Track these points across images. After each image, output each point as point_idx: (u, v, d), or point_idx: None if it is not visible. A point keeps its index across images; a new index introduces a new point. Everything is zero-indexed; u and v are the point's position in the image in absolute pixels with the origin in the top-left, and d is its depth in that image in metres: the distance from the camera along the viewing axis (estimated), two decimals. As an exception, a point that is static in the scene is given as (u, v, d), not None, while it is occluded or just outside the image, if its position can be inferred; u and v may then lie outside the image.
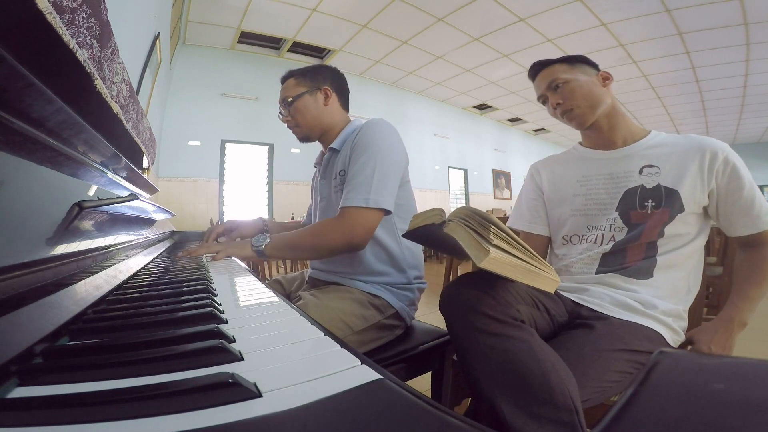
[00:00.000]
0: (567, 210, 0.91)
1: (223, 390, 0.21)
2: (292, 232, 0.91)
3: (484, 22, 4.73)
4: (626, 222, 0.82)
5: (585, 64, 0.89)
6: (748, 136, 9.88)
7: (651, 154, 0.83)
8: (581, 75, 0.87)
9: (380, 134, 0.89)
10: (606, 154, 0.89)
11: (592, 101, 0.85)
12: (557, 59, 0.90)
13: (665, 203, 0.79)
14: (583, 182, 0.90)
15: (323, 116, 1.00)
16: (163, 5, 3.02)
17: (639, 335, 0.70)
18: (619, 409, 0.16)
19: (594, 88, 0.85)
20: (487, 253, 0.46)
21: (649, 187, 0.81)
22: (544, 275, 0.54)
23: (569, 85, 0.86)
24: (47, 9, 0.32)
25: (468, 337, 0.58)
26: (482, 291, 0.59)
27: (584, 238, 0.88)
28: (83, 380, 0.24)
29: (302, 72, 1.01)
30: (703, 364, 0.21)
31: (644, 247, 0.80)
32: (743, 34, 4.68)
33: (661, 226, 0.79)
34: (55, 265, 0.38)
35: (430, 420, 0.19)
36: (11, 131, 0.33)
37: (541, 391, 0.52)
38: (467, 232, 0.49)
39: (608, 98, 0.86)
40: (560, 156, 0.99)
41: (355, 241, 0.83)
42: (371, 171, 0.85)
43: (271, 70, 5.77)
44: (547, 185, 0.97)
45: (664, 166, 0.81)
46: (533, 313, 0.71)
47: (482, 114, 8.86)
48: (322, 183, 1.02)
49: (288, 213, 5.46)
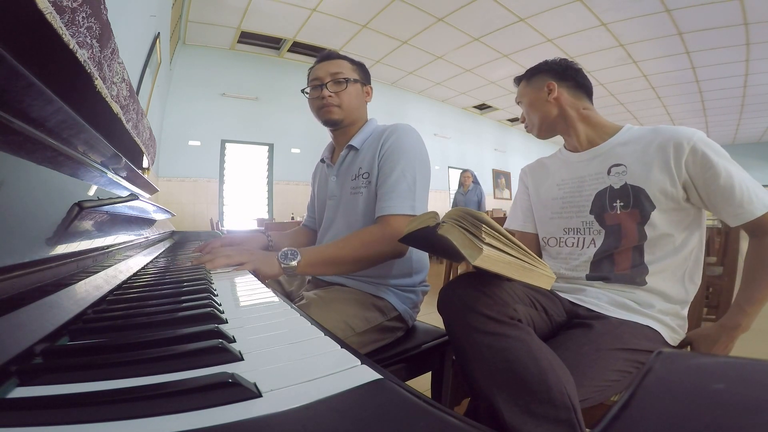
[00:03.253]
0: (548, 213, 0.94)
1: (223, 390, 0.21)
2: (326, 246, 0.82)
3: (484, 22, 4.73)
4: (602, 224, 0.83)
5: (539, 75, 0.93)
6: (748, 136, 9.88)
7: (619, 153, 0.83)
8: (532, 92, 0.93)
9: (413, 141, 0.91)
10: (577, 157, 0.91)
11: (536, 117, 0.92)
12: (521, 77, 0.97)
13: (633, 203, 0.78)
14: (561, 185, 0.93)
15: (362, 109, 1.01)
16: (163, 5, 3.02)
17: (637, 334, 0.71)
18: (619, 409, 0.16)
19: (537, 104, 0.92)
20: (480, 251, 0.47)
21: (617, 187, 0.81)
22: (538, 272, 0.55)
23: (523, 104, 0.96)
24: (47, 9, 0.32)
25: (465, 336, 0.58)
26: (479, 291, 0.60)
27: (562, 241, 0.90)
28: (83, 380, 0.24)
29: (354, 62, 1.01)
30: (703, 363, 0.21)
31: (630, 252, 0.79)
32: (743, 34, 4.68)
33: (636, 227, 0.78)
34: (55, 265, 0.38)
35: (430, 420, 0.19)
36: (11, 131, 0.33)
37: (538, 390, 0.52)
38: (461, 232, 0.50)
39: (553, 108, 0.90)
40: (546, 159, 1.02)
41: (401, 249, 0.84)
42: (412, 179, 0.86)
43: (271, 70, 5.78)
44: (532, 188, 1.01)
45: (630, 164, 0.80)
46: (531, 313, 0.71)
47: (482, 114, 8.86)
48: (335, 181, 0.99)
49: (288, 213, 5.46)
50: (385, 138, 0.90)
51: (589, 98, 0.91)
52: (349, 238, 0.83)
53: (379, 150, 0.89)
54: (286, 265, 0.77)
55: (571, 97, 0.89)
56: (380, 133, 0.93)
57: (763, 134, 9.72)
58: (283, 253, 0.78)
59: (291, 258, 0.77)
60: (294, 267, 0.76)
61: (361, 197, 0.91)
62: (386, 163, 0.87)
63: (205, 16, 4.55)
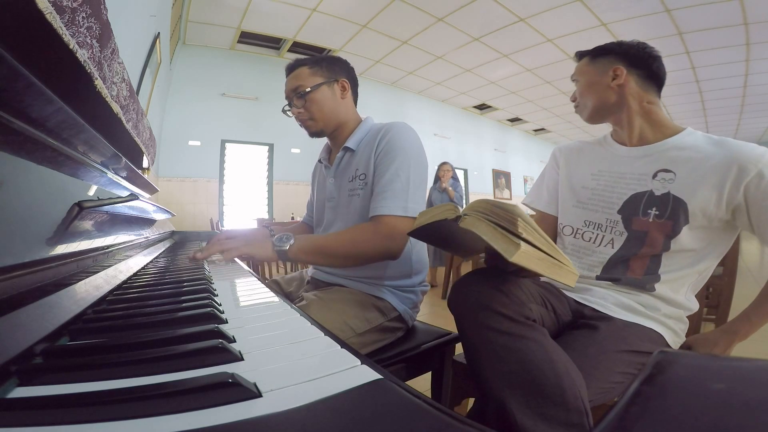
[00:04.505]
0: (573, 200, 0.89)
1: (223, 390, 0.21)
2: (319, 236, 0.83)
3: (484, 22, 4.73)
4: (627, 227, 0.78)
5: (608, 56, 0.83)
6: (748, 136, 9.88)
7: (672, 157, 0.77)
8: (593, 73, 0.85)
9: (409, 140, 0.88)
10: (625, 151, 0.84)
11: (590, 100, 0.85)
12: (584, 52, 0.89)
13: (669, 214, 0.73)
14: (597, 176, 0.87)
15: (339, 109, 0.96)
16: (163, 5, 3.02)
17: (642, 336, 0.70)
18: (620, 410, 0.16)
19: (596, 87, 0.84)
20: (518, 246, 0.44)
21: (658, 194, 0.76)
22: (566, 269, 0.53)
23: (579, 83, 0.88)
24: (47, 9, 0.32)
25: (479, 335, 0.56)
26: (495, 288, 0.58)
27: (579, 233, 0.86)
28: (83, 380, 0.24)
29: (315, 61, 0.94)
30: (704, 363, 0.21)
31: (647, 260, 0.76)
32: (743, 34, 4.68)
33: (663, 238, 0.74)
34: (55, 265, 0.38)
35: (429, 420, 0.19)
36: (11, 131, 0.33)
37: (553, 393, 0.51)
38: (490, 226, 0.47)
39: (612, 95, 0.82)
40: (586, 144, 0.95)
41: (393, 250, 0.82)
42: (406, 178, 0.84)
43: (271, 70, 5.77)
44: (564, 170, 0.95)
45: (680, 173, 0.74)
46: (542, 312, 0.70)
47: (482, 114, 8.86)
48: (333, 183, 0.98)
49: (288, 213, 5.45)
50: (381, 137, 0.88)
51: (658, 90, 0.82)
52: (342, 232, 0.84)
53: (375, 149, 0.88)
54: (279, 247, 0.77)
55: (638, 87, 0.80)
56: (376, 133, 0.91)
57: (763, 134, 9.72)
58: (278, 237, 0.79)
59: (285, 241, 0.78)
60: (286, 250, 0.77)
61: (358, 199, 0.90)
62: (381, 162, 0.86)
63: (205, 16, 4.55)
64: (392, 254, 0.82)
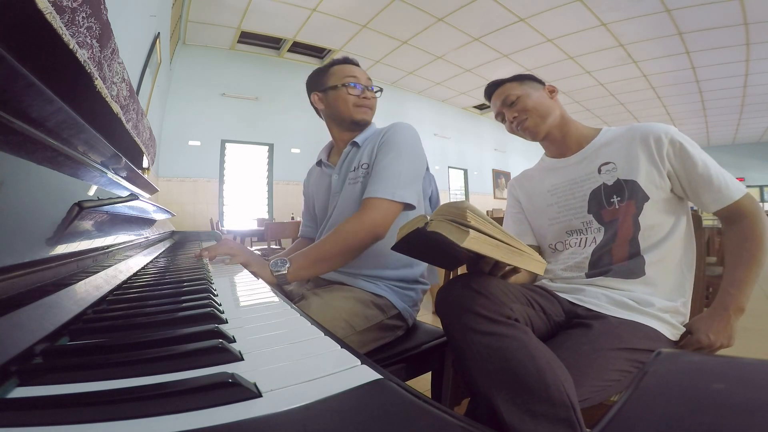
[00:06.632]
0: (545, 220, 0.95)
1: (223, 390, 0.21)
2: (310, 247, 0.85)
3: (484, 22, 4.73)
4: (600, 222, 0.85)
5: (533, 81, 0.95)
6: (748, 136, 9.88)
7: (605, 152, 0.87)
8: (531, 90, 0.93)
9: (407, 136, 0.94)
10: (565, 161, 0.94)
11: (542, 112, 0.92)
12: (508, 78, 0.97)
13: (629, 195, 0.81)
14: (553, 191, 0.95)
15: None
16: (163, 5, 3.02)
17: (638, 333, 0.71)
18: (618, 409, 0.16)
19: (543, 101, 0.92)
20: (467, 233, 0.49)
21: (610, 183, 0.84)
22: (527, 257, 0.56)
23: (521, 99, 0.93)
24: (47, 9, 0.32)
25: (463, 337, 0.58)
26: (475, 290, 0.60)
27: (567, 244, 0.91)
28: (83, 380, 0.24)
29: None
30: (703, 363, 0.21)
31: (627, 245, 0.81)
32: (743, 34, 4.69)
33: (632, 218, 0.81)
34: (55, 265, 0.38)
35: (429, 420, 0.19)
36: (11, 131, 0.33)
37: (536, 388, 0.52)
38: (447, 223, 0.51)
39: (557, 109, 0.93)
40: (531, 170, 1.05)
41: (379, 231, 0.84)
42: (398, 169, 0.88)
43: (271, 70, 5.78)
44: (524, 199, 1.03)
45: (618, 161, 0.84)
46: (528, 312, 0.71)
47: (482, 114, 8.87)
48: (337, 178, 1.02)
49: (288, 213, 5.46)
50: (383, 133, 0.95)
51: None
52: (329, 235, 0.86)
53: (377, 144, 0.94)
54: (278, 272, 0.81)
55: (559, 102, 0.93)
56: (380, 131, 0.98)
57: (763, 134, 9.72)
58: (273, 262, 0.82)
59: (280, 266, 0.81)
60: (285, 274, 0.80)
61: (359, 186, 0.95)
62: (379, 153, 0.92)
63: (205, 16, 4.55)
64: (378, 235, 0.85)
